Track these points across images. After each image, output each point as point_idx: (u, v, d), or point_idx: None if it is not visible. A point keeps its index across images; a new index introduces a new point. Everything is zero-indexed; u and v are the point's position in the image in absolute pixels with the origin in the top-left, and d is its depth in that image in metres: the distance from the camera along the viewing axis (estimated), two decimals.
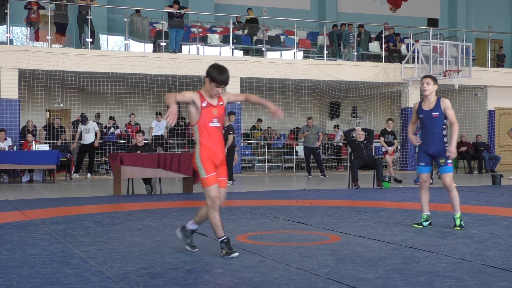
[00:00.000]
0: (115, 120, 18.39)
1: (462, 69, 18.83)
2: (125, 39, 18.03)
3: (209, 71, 5.38)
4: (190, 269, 4.87)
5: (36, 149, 14.88)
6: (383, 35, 20.72)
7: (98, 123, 17.66)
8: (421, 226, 7.13)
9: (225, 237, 5.41)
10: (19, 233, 6.80)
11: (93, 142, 16.40)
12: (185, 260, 5.26)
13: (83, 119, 16.49)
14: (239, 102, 17.91)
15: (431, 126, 6.99)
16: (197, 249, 5.67)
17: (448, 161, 7.00)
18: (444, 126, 7.00)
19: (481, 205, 9.80)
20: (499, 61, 23.00)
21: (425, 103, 7.06)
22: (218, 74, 5.34)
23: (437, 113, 6.94)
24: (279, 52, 20.19)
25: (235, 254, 5.35)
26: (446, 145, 7.00)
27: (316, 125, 17.99)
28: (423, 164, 7.12)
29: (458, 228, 6.97)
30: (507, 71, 21.36)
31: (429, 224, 7.19)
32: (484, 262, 5.09)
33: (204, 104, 5.40)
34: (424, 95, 7.07)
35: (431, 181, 14.56)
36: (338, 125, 21.41)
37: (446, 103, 6.95)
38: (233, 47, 18.77)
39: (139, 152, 12.17)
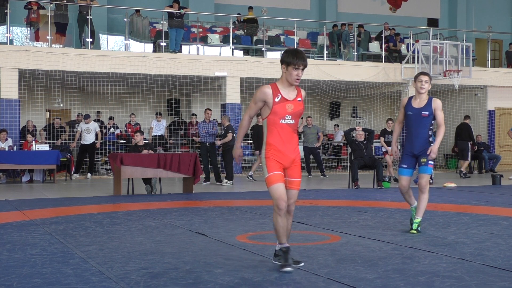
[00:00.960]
0: (114, 120, 18.39)
1: (462, 69, 18.83)
2: (125, 39, 18.03)
3: (283, 57, 4.85)
4: (190, 269, 4.87)
5: (36, 149, 14.88)
6: (383, 35, 20.73)
7: (99, 120, 17.69)
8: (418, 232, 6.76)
9: (285, 245, 4.83)
10: (19, 233, 6.80)
11: (93, 142, 16.40)
12: (185, 260, 5.26)
13: (86, 116, 16.52)
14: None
15: (418, 125, 6.73)
16: (302, 263, 4.98)
17: (429, 162, 6.70)
18: (431, 127, 6.75)
19: (481, 205, 9.80)
20: (509, 61, 22.75)
21: (416, 101, 6.78)
22: (292, 55, 4.79)
23: (427, 113, 6.68)
24: (279, 52, 20.18)
25: (289, 269, 4.72)
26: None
27: (316, 125, 17.98)
28: (405, 166, 6.84)
29: (414, 231, 6.70)
30: (507, 71, 21.36)
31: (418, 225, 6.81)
32: (484, 262, 5.09)
33: (277, 99, 4.86)
34: (419, 93, 6.77)
35: (430, 181, 14.66)
36: (337, 125, 21.39)
37: (437, 104, 6.69)
38: (233, 47, 18.77)
39: (144, 151, 12.16)
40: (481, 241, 6.19)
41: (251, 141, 20.47)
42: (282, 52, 4.97)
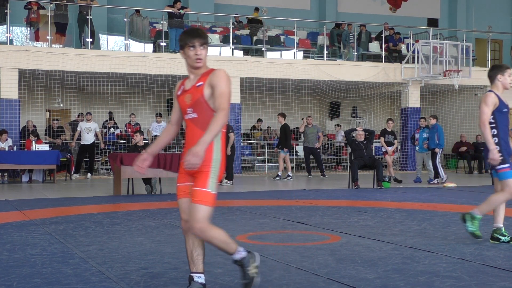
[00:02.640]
0: (114, 120, 18.40)
1: (462, 69, 18.83)
2: (125, 39, 18.02)
3: (178, 41, 4.25)
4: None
5: (36, 149, 14.87)
6: (383, 35, 20.72)
7: (112, 119, 17.80)
8: (498, 242, 6.05)
9: (193, 274, 4.08)
10: (19, 233, 6.80)
11: (93, 143, 16.41)
12: (185, 260, 5.25)
13: (87, 114, 16.59)
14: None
15: (507, 123, 6.02)
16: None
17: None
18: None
19: None
20: None
21: (503, 97, 6.05)
22: (185, 35, 4.12)
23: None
24: (279, 52, 20.18)
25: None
26: None
27: (316, 125, 17.98)
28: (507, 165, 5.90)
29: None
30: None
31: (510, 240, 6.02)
32: (484, 262, 5.09)
33: (179, 92, 4.18)
34: (505, 89, 6.07)
35: (436, 181, 14.66)
36: (339, 125, 21.37)
37: None
38: (233, 47, 18.77)
39: (143, 152, 12.15)
40: (481, 241, 6.19)
41: (251, 141, 20.51)
42: None
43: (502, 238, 6.01)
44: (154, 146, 4.25)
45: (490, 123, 5.94)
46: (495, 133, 5.94)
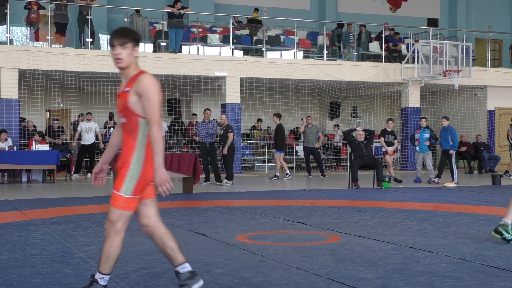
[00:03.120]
0: (114, 120, 18.39)
1: (462, 69, 18.82)
2: None
3: None
4: None
5: (36, 149, 14.87)
6: (383, 35, 20.72)
7: (112, 119, 17.79)
8: (499, 236, 6.10)
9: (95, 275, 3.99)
10: (19, 233, 6.80)
11: (93, 143, 16.41)
12: None
13: (87, 114, 16.61)
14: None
15: None
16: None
17: None
18: None
19: (481, 205, 9.80)
20: None
21: None
22: (110, 36, 4.09)
23: None
24: (279, 52, 20.17)
25: None
26: None
27: (316, 125, 17.99)
28: None
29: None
30: (507, 71, 21.36)
31: None
32: (484, 262, 5.09)
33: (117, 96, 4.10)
34: None
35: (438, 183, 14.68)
36: (338, 125, 21.39)
37: None
38: (233, 47, 18.76)
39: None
40: (481, 241, 6.19)
41: (251, 141, 20.52)
42: None
43: (505, 234, 6.01)
44: (106, 153, 4.24)
45: None
46: None
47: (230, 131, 14.31)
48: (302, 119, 17.70)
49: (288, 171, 16.35)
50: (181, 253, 4.03)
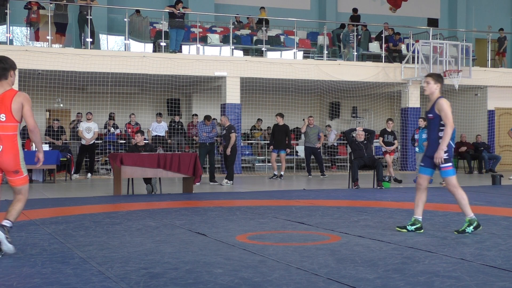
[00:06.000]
0: (114, 120, 18.39)
1: (462, 69, 18.83)
2: (125, 39, 18.02)
3: None
4: (190, 269, 4.87)
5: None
6: (383, 35, 20.72)
7: (112, 118, 17.81)
8: (405, 230, 6.77)
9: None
10: (19, 233, 6.79)
11: (94, 143, 16.42)
12: (185, 260, 5.26)
13: (87, 114, 16.61)
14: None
15: (429, 128, 6.84)
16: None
17: (443, 165, 6.60)
18: (441, 128, 6.68)
19: (481, 205, 9.80)
20: (500, 47, 22.69)
21: (428, 104, 6.89)
22: None
23: (432, 115, 6.73)
24: (279, 52, 20.18)
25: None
26: (445, 150, 6.61)
27: (317, 125, 18.00)
28: (423, 164, 6.86)
29: (459, 232, 6.64)
30: (507, 71, 21.36)
31: (417, 229, 6.73)
32: (484, 262, 5.09)
33: None
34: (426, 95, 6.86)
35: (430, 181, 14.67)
36: (330, 125, 21.39)
37: (440, 104, 6.63)
38: (233, 47, 18.77)
39: (143, 151, 12.16)
40: (481, 241, 6.19)
41: (251, 141, 20.52)
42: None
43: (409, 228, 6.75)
44: None
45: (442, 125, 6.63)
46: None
47: (232, 131, 14.31)
48: (304, 119, 17.70)
49: (276, 172, 16.37)
50: None
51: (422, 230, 6.76)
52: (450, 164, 6.65)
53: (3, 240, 5.35)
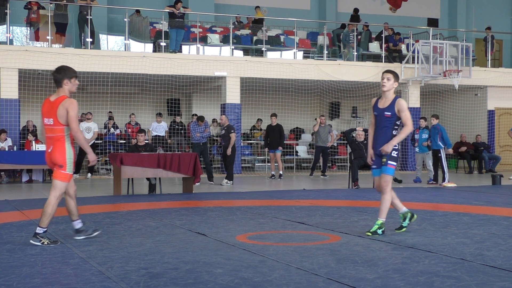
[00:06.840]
0: (114, 120, 18.39)
1: (462, 69, 18.82)
2: (125, 39, 18.01)
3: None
4: (190, 269, 4.87)
5: (36, 149, 14.87)
6: (383, 35, 20.72)
7: (111, 119, 17.81)
8: (404, 229, 6.77)
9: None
10: (19, 233, 6.80)
11: (94, 143, 16.42)
12: (185, 260, 5.26)
13: (87, 114, 16.62)
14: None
15: (381, 125, 6.59)
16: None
17: (389, 162, 6.51)
18: (395, 127, 6.57)
19: (481, 205, 9.80)
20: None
21: (382, 100, 6.63)
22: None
23: (389, 113, 6.53)
24: (279, 52, 20.17)
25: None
26: (395, 147, 6.51)
27: (328, 125, 18.03)
28: (375, 166, 6.68)
29: (369, 233, 6.52)
30: (507, 71, 21.36)
31: (383, 232, 6.60)
32: (484, 262, 5.09)
33: None
34: (382, 91, 6.63)
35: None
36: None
37: (400, 105, 6.48)
38: (233, 47, 18.76)
39: (143, 151, 12.16)
40: (481, 241, 6.19)
41: (251, 141, 20.52)
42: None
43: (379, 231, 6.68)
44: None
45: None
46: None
47: (232, 131, 14.30)
48: (316, 119, 17.69)
49: (273, 172, 16.40)
50: None
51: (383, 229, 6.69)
52: (395, 163, 6.59)
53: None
